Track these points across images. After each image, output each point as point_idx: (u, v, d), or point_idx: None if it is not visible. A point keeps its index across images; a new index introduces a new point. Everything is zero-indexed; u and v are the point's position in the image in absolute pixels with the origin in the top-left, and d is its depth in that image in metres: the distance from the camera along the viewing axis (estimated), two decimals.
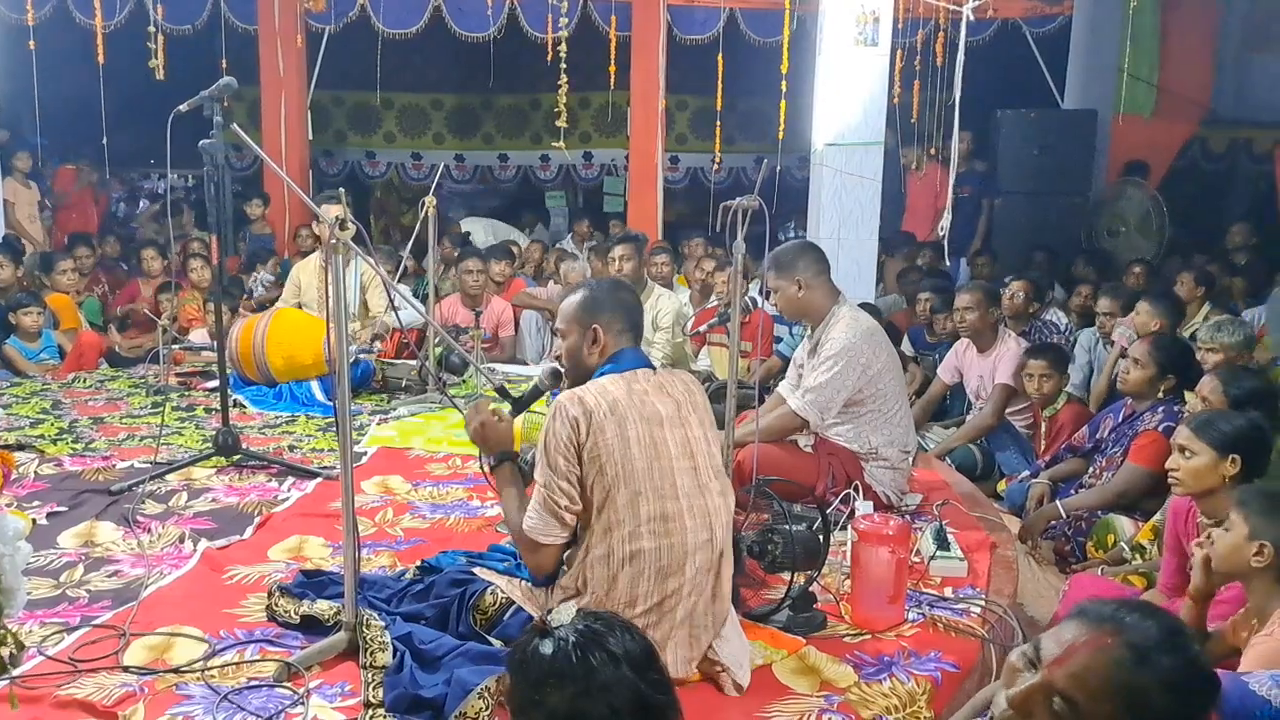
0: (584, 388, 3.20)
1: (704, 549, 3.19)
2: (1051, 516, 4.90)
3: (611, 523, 3.11)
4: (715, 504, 3.26)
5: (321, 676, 3.19)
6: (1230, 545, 3.02)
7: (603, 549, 3.12)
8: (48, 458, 5.43)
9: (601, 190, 14.90)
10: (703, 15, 10.70)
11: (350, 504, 3.27)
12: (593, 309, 3.38)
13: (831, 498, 4.48)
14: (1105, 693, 1.75)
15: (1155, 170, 10.94)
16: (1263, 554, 2.92)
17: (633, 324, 3.42)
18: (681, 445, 3.23)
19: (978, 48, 10.03)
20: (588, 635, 1.98)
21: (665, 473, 3.16)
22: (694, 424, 3.30)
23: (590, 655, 1.95)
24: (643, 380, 3.27)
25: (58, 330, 7.95)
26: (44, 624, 3.53)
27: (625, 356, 3.34)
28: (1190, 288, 7.21)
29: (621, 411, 3.12)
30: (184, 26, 10.46)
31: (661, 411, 3.22)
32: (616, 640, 1.99)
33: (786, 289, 4.84)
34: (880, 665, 3.40)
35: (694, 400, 3.36)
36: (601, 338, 3.34)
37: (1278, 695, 2.48)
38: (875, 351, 4.74)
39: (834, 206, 8.20)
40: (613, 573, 3.12)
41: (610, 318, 3.36)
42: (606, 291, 3.46)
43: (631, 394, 3.19)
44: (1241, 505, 3.03)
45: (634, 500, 3.10)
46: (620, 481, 3.09)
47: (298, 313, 7.29)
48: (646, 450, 3.13)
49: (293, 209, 10.92)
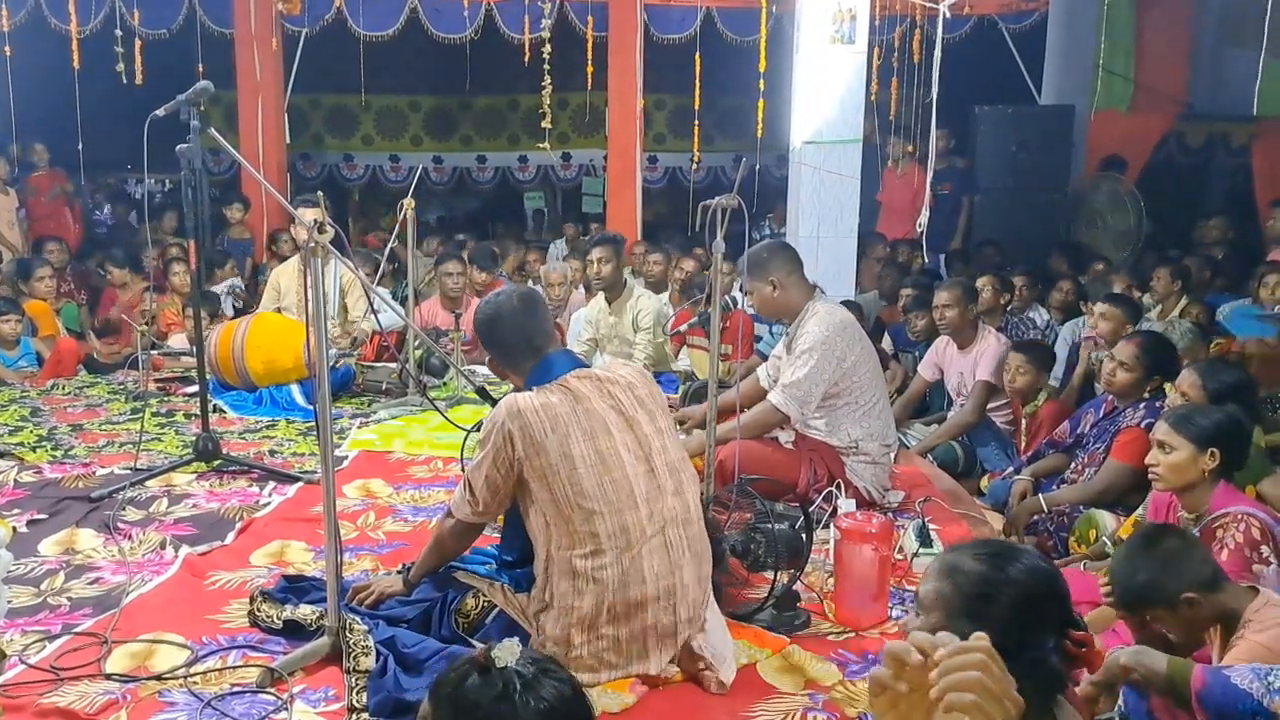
0: (524, 401, 3.15)
1: (660, 553, 3.17)
2: (1034, 511, 4.91)
3: (571, 540, 3.11)
4: (670, 506, 3.22)
5: (305, 681, 3.19)
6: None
7: (565, 565, 3.11)
8: (27, 465, 5.40)
9: (580, 191, 14.89)
10: (679, 14, 10.70)
11: (332, 508, 3.27)
12: (490, 333, 3.42)
13: (814, 495, 4.48)
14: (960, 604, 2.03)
15: (1132, 165, 10.97)
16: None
17: (542, 333, 3.39)
18: (632, 448, 3.19)
19: (955, 44, 10.06)
20: (526, 680, 1.87)
21: (619, 484, 3.13)
22: (642, 421, 3.25)
23: (539, 702, 1.85)
24: (580, 385, 3.23)
25: (36, 337, 7.90)
26: (25, 632, 3.52)
27: (552, 363, 3.32)
28: (1166, 282, 7.24)
29: (563, 429, 3.10)
30: (160, 30, 10.41)
31: (605, 419, 3.18)
32: (559, 693, 1.89)
33: (762, 289, 4.87)
34: (865, 663, 3.41)
35: (637, 395, 3.30)
36: (515, 359, 3.37)
37: (1259, 688, 2.49)
38: (849, 344, 4.77)
39: (813, 204, 8.20)
40: (578, 589, 3.11)
41: (513, 336, 3.37)
42: (504, 310, 3.41)
43: (574, 406, 3.16)
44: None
45: (590, 519, 3.09)
46: (572, 503, 3.08)
47: (277, 317, 7.27)
48: (594, 468, 3.10)
49: (271, 213, 10.88)
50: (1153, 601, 2.97)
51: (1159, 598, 2.95)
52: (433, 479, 5.35)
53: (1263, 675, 2.52)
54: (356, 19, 10.61)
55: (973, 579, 2.07)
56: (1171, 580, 2.93)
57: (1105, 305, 6.18)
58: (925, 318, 6.98)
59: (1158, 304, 7.38)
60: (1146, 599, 2.99)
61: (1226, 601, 2.92)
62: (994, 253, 9.63)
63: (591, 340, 7.33)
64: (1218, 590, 2.93)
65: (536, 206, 15.60)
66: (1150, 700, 2.87)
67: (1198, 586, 2.90)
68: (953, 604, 2.06)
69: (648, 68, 10.59)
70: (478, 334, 3.50)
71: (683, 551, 3.23)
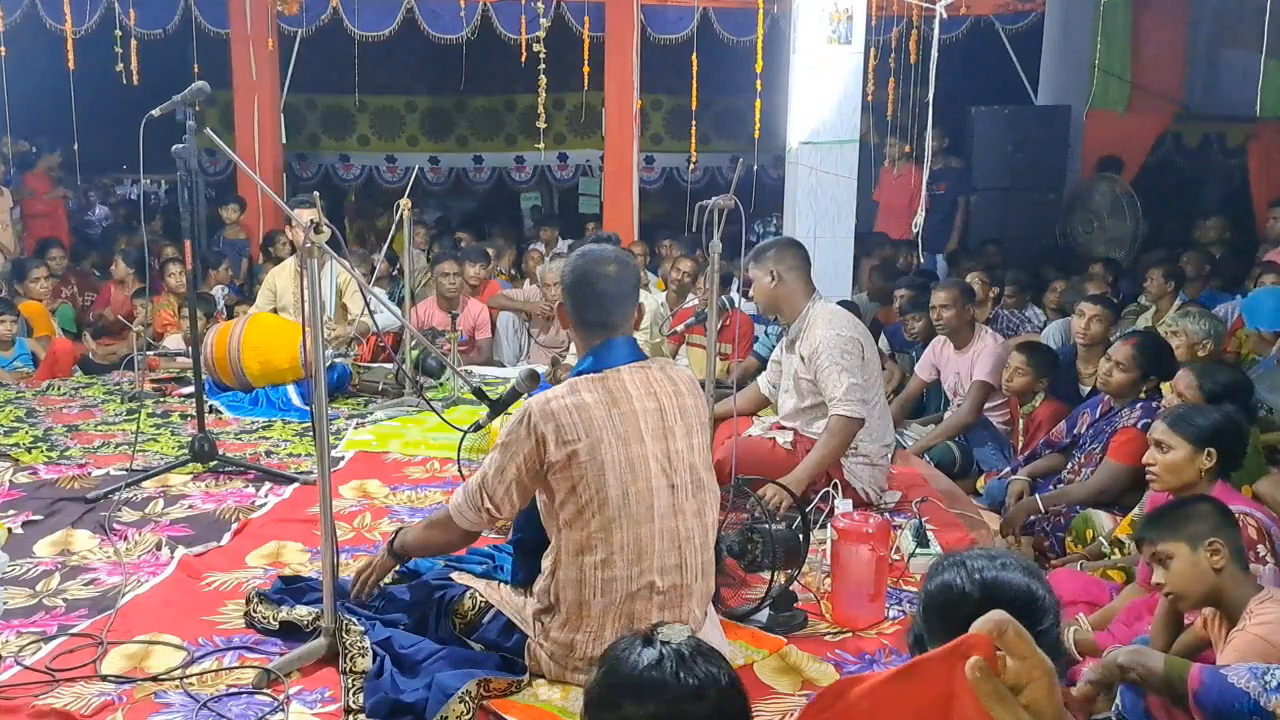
0: (557, 402, 3.03)
1: (672, 573, 3.13)
2: (1031, 511, 4.91)
3: (584, 545, 3.06)
4: (689, 527, 3.17)
5: (301, 683, 3.19)
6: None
7: (574, 571, 3.08)
8: (23, 466, 5.39)
9: (577, 191, 14.87)
10: (676, 14, 10.68)
11: (328, 509, 3.27)
12: (574, 288, 3.22)
13: (811, 495, 4.48)
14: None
15: (1129, 165, 10.98)
16: (1218, 550, 2.95)
17: (623, 313, 3.20)
18: (660, 461, 3.10)
19: (951, 45, 10.04)
20: (692, 660, 1.92)
21: (641, 495, 3.06)
22: (678, 434, 3.15)
23: (685, 680, 1.89)
24: (626, 382, 3.11)
25: (31, 338, 7.90)
26: (21, 633, 3.51)
27: (614, 349, 3.17)
28: (1160, 283, 7.25)
29: (597, 433, 3.00)
30: (155, 31, 10.39)
31: (641, 425, 3.07)
32: (713, 678, 1.92)
33: (760, 279, 4.89)
34: (861, 663, 3.42)
35: (681, 404, 3.19)
36: (587, 327, 3.21)
37: (1255, 687, 2.50)
38: (866, 340, 4.84)
39: (809, 205, 8.20)
40: (584, 598, 3.08)
41: (593, 304, 3.19)
42: (596, 275, 3.19)
43: (610, 409, 3.04)
44: (1164, 533, 3.04)
45: (608, 527, 3.03)
46: (594, 507, 3.02)
47: (273, 317, 7.26)
48: (622, 475, 3.03)
49: (267, 213, 10.87)
50: (1193, 519, 3.02)
51: (1198, 521, 3.01)
52: (429, 480, 5.35)
53: (1260, 675, 2.52)
54: (352, 19, 10.59)
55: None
56: (1220, 518, 3.03)
57: (1094, 306, 6.14)
58: (923, 319, 6.98)
59: (1152, 304, 7.38)
60: (1188, 520, 3.03)
61: (1234, 588, 2.93)
62: (995, 252, 9.64)
63: None
64: (1238, 564, 2.97)
65: (533, 204, 15.58)
66: (1148, 700, 2.87)
67: (1231, 545, 2.96)
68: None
69: (644, 68, 10.59)
70: (563, 280, 3.28)
71: (696, 576, 3.20)
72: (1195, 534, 2.99)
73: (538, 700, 3.08)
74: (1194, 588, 2.99)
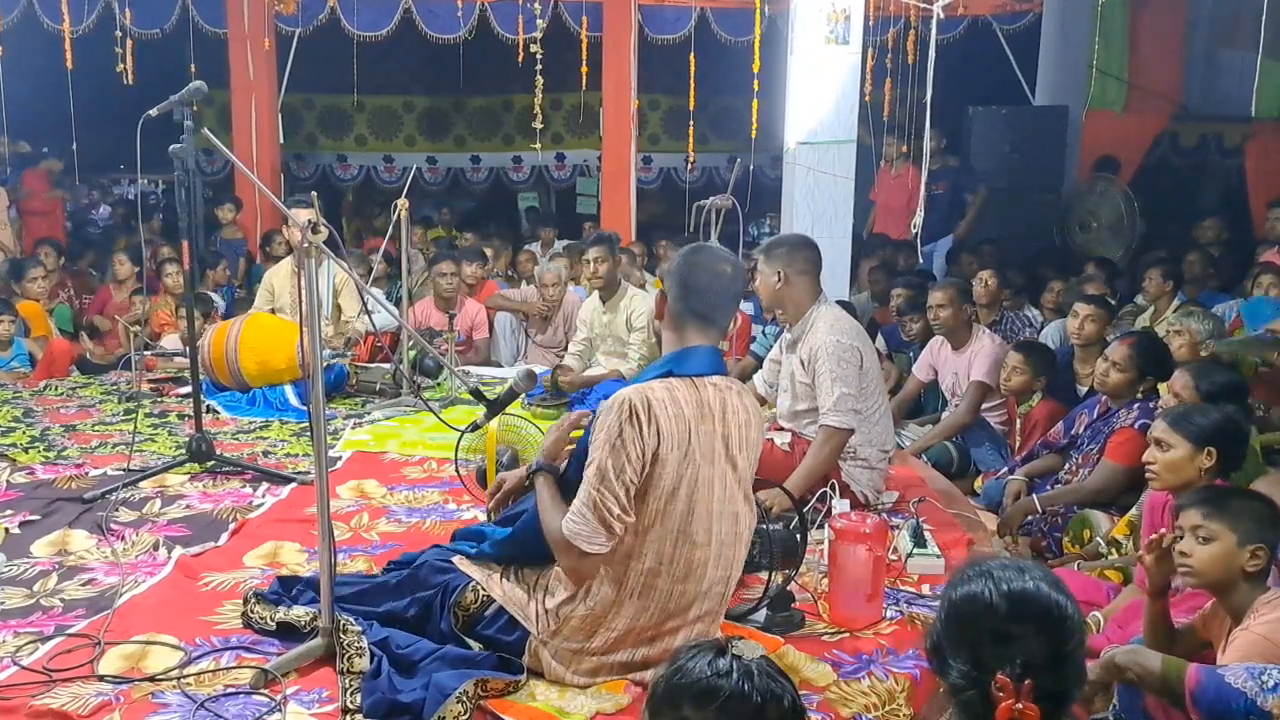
0: (657, 396, 2.96)
1: (713, 597, 3.15)
2: (1028, 511, 4.91)
3: (633, 551, 3.04)
4: (740, 555, 3.20)
5: (299, 683, 3.18)
6: (1218, 554, 2.95)
7: (617, 573, 3.05)
8: (20, 466, 5.38)
9: (574, 191, 14.88)
10: (674, 15, 10.70)
11: (325, 509, 3.26)
12: (681, 276, 3.16)
13: (809, 496, 4.48)
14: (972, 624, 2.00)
15: (1127, 165, 10.99)
16: (1259, 556, 2.91)
17: (724, 315, 3.17)
18: (724, 486, 3.08)
19: (948, 45, 10.05)
20: (759, 677, 1.94)
21: (702, 518, 3.04)
22: (741, 462, 3.13)
23: (749, 693, 1.92)
24: (713, 399, 3.05)
25: (28, 338, 7.89)
26: (18, 634, 3.50)
27: (699, 356, 3.11)
28: (1159, 283, 7.25)
29: (685, 445, 2.96)
30: (152, 30, 10.40)
31: (714, 446, 3.03)
32: (775, 696, 1.94)
33: (768, 276, 4.85)
34: (859, 663, 3.41)
35: (749, 436, 3.15)
36: (683, 321, 3.14)
37: (1253, 687, 2.50)
38: (866, 349, 4.79)
39: (807, 205, 8.19)
40: (620, 599, 3.07)
41: (698, 297, 3.12)
42: (707, 271, 3.15)
43: (700, 423, 2.99)
44: (1220, 513, 2.97)
45: (663, 539, 3.02)
46: (659, 518, 3.00)
47: (270, 317, 7.25)
48: (690, 492, 3.00)
49: (264, 213, 10.87)
50: (1251, 517, 2.98)
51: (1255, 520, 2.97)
52: (427, 480, 5.34)
53: (1256, 674, 2.52)
54: (350, 19, 10.60)
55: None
56: (1272, 526, 2.98)
57: (1088, 306, 6.13)
58: (920, 321, 6.99)
59: (1150, 305, 7.38)
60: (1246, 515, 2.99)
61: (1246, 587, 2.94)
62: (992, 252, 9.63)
63: (586, 340, 7.32)
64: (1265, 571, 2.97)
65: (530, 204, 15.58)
66: (1145, 699, 2.87)
67: (1269, 554, 2.94)
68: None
69: (642, 68, 10.61)
70: (672, 269, 3.21)
71: (722, 601, 3.22)
72: (1248, 531, 2.94)
73: (535, 701, 3.07)
74: (1217, 576, 2.96)
